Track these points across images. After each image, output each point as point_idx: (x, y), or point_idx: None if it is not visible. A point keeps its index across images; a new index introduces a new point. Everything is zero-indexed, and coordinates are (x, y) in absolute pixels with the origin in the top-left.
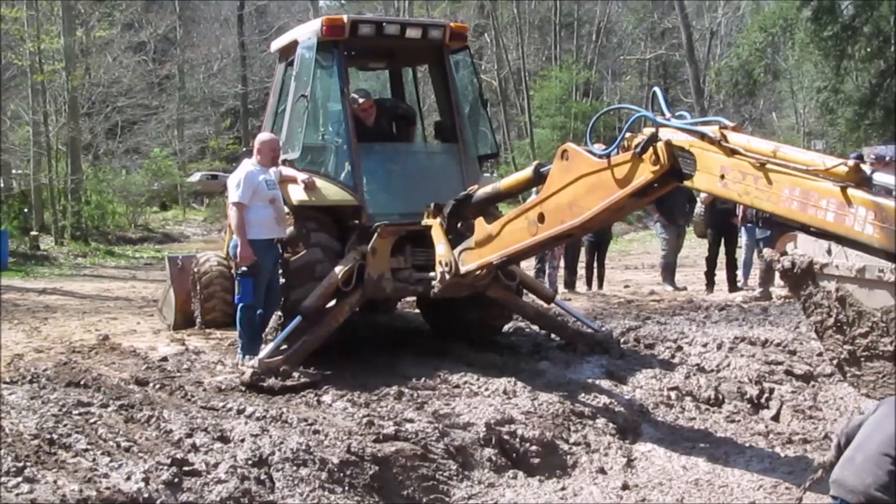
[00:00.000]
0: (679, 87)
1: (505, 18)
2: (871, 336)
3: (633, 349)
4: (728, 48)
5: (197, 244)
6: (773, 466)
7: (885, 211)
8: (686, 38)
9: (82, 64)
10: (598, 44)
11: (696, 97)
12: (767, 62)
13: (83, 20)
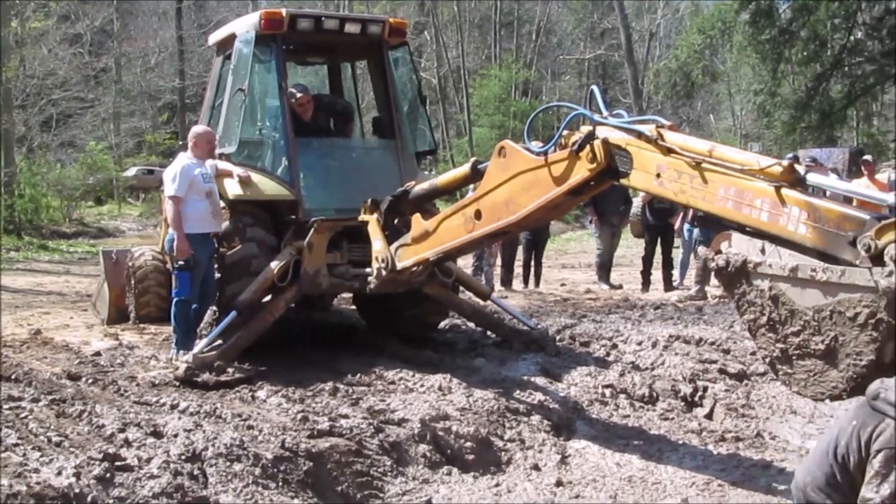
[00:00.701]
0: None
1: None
2: (803, 335)
3: (568, 347)
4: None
5: (132, 239)
6: (705, 464)
7: (818, 211)
8: (625, 38)
9: (17, 55)
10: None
11: (635, 98)
12: (705, 64)
13: (18, 11)
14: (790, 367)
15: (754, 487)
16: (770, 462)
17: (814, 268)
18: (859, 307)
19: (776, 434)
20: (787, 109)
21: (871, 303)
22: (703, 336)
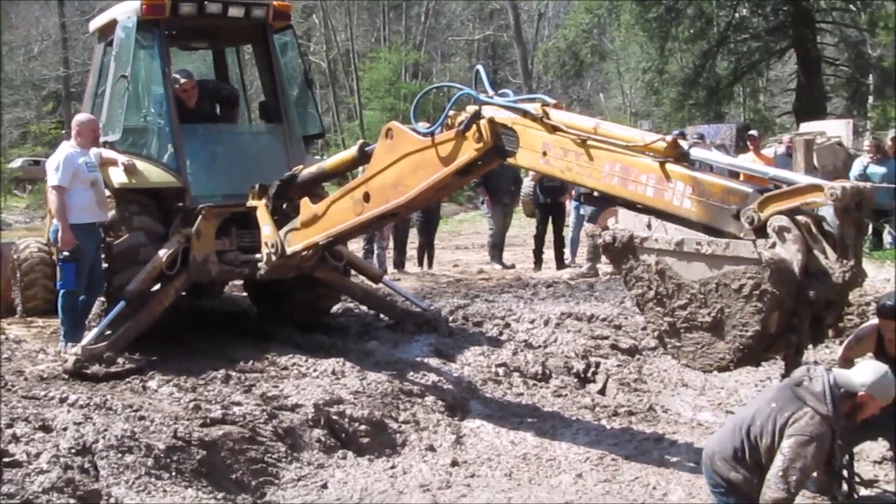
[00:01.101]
0: (508, 69)
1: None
2: (690, 308)
3: (461, 327)
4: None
5: (20, 232)
6: (599, 439)
7: (702, 185)
8: (514, 19)
9: None
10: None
11: (525, 78)
12: (594, 43)
13: None
14: (678, 340)
15: (647, 460)
16: (662, 435)
17: (699, 241)
18: (744, 279)
19: (668, 407)
20: (675, 87)
21: (756, 274)
22: (594, 312)
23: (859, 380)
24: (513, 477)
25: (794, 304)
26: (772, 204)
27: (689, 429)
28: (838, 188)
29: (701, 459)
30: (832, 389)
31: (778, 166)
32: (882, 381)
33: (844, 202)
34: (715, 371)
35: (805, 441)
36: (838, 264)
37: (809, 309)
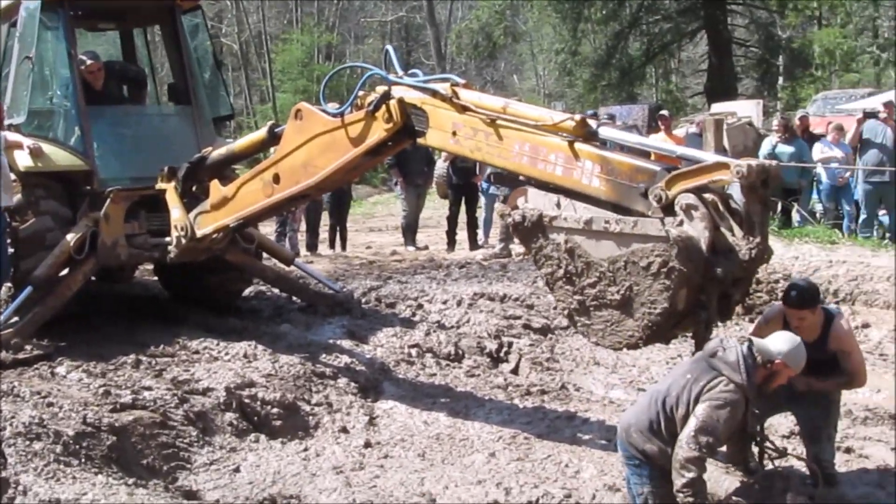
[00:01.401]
0: (421, 50)
1: None
2: (599, 286)
3: (374, 309)
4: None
5: None
6: (511, 418)
7: (610, 164)
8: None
9: None
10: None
11: (438, 60)
12: (507, 25)
13: None
14: (588, 318)
15: (560, 438)
16: (574, 413)
17: (608, 220)
18: (652, 257)
19: (580, 385)
20: (587, 68)
21: (664, 252)
22: (507, 293)
23: (775, 348)
24: (426, 457)
25: (701, 280)
26: (679, 182)
27: (601, 406)
28: (744, 166)
29: (613, 436)
30: (746, 359)
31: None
32: (796, 350)
33: (750, 180)
34: (625, 348)
35: (718, 405)
36: (745, 241)
37: (717, 286)
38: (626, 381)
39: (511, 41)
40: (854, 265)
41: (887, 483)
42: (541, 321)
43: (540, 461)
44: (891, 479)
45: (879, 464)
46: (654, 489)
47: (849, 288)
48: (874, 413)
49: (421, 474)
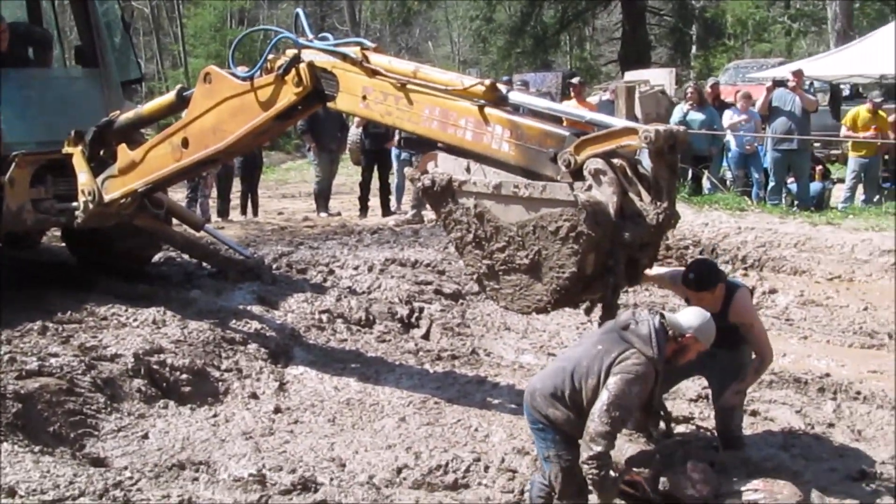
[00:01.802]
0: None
1: None
2: (508, 250)
3: (285, 274)
4: None
5: None
6: (422, 383)
7: (520, 129)
8: None
9: None
10: None
11: (352, 25)
12: None
13: None
14: (497, 282)
15: (470, 403)
16: (485, 378)
17: (517, 184)
18: (560, 221)
19: (491, 350)
20: (502, 35)
21: (572, 216)
22: (418, 258)
23: (686, 322)
24: (336, 422)
25: (609, 245)
26: (588, 147)
27: (511, 371)
28: (652, 131)
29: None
30: (657, 332)
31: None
32: (706, 325)
33: (658, 145)
34: (533, 312)
35: (630, 379)
36: (652, 206)
37: (625, 250)
38: (537, 347)
39: (426, 7)
40: (762, 232)
41: (792, 445)
42: (452, 287)
43: (450, 425)
44: (795, 442)
45: (784, 426)
46: (559, 453)
47: (757, 254)
48: (779, 377)
49: (331, 439)
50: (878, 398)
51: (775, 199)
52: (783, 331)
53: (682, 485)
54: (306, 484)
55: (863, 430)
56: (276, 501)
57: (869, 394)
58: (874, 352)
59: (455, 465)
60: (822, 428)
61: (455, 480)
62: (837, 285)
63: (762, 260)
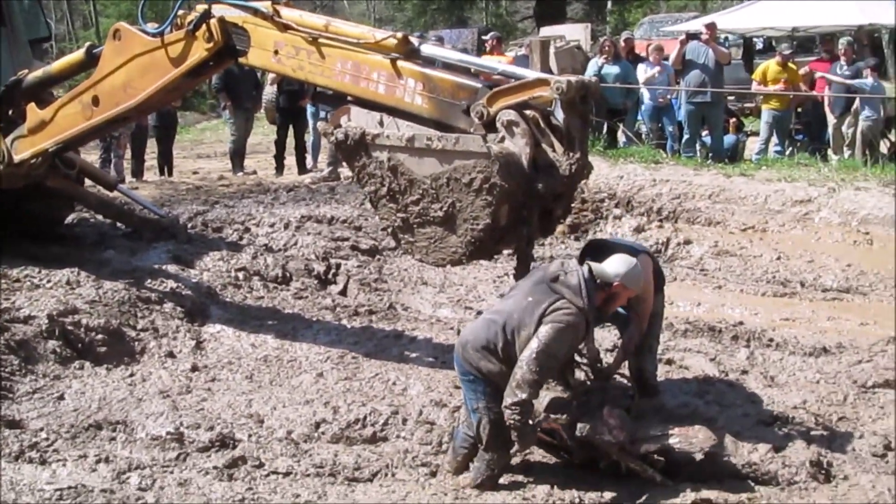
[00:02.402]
0: None
1: None
2: (423, 203)
3: (200, 233)
4: None
5: None
6: (340, 338)
7: (432, 81)
8: None
9: None
10: None
11: None
12: None
13: None
14: (412, 235)
15: (387, 357)
16: (402, 332)
17: (430, 137)
18: (474, 173)
19: (408, 305)
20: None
21: (485, 168)
22: (335, 215)
23: (613, 270)
24: (254, 379)
25: (523, 196)
26: (500, 99)
27: (428, 325)
28: (564, 82)
29: (440, 354)
30: (586, 282)
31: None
32: (633, 272)
33: (570, 95)
34: (448, 265)
35: (561, 328)
36: (565, 157)
37: (538, 201)
38: (454, 301)
39: None
40: (677, 184)
41: (706, 392)
42: (369, 242)
43: (367, 380)
44: (709, 389)
45: (698, 374)
46: (488, 405)
47: (672, 206)
48: (694, 325)
49: (249, 396)
50: (791, 345)
51: (689, 152)
52: (698, 281)
53: (599, 430)
54: (224, 441)
55: (775, 376)
56: (195, 459)
57: (781, 341)
58: (787, 300)
59: (373, 419)
60: (736, 375)
61: (373, 434)
62: (751, 235)
63: (677, 212)
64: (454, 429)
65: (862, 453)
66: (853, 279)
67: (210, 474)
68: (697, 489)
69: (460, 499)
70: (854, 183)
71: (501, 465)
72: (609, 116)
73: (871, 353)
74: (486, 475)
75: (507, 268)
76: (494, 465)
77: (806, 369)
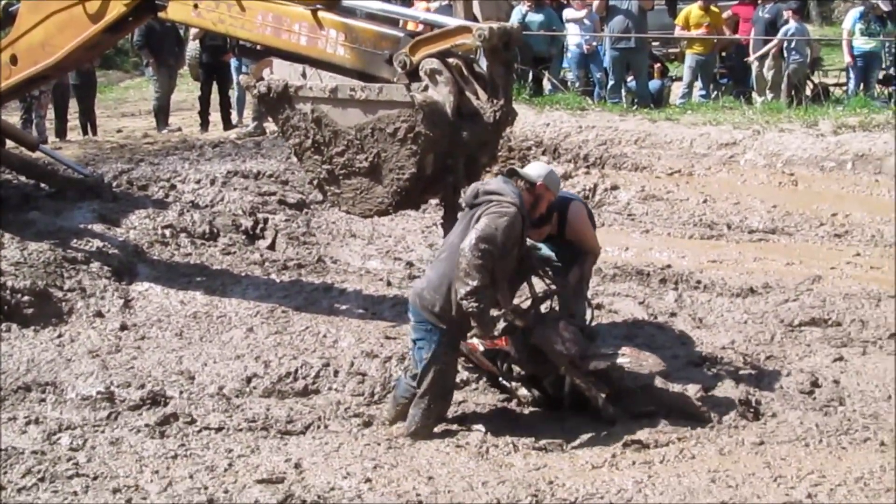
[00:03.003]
0: None
1: None
2: (347, 154)
3: (126, 192)
4: None
5: None
6: (269, 293)
7: (354, 31)
8: None
9: None
10: None
11: None
12: None
13: None
14: (338, 187)
15: (317, 310)
16: (331, 285)
17: (353, 87)
18: (398, 123)
19: (337, 258)
20: None
21: (409, 117)
22: (261, 169)
23: (535, 172)
24: (183, 336)
25: (448, 145)
26: (423, 47)
27: (357, 277)
28: (486, 29)
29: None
30: (508, 183)
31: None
32: (553, 175)
33: (492, 43)
34: (375, 216)
35: (496, 215)
36: (489, 104)
37: (463, 149)
38: (383, 252)
39: None
40: (603, 130)
41: (635, 335)
42: (296, 196)
43: (298, 333)
44: (639, 332)
45: (628, 317)
46: (438, 354)
47: (598, 152)
48: (622, 270)
49: (179, 353)
50: (718, 286)
51: (615, 98)
52: (625, 226)
53: (553, 339)
54: (155, 398)
55: (703, 317)
56: (126, 417)
57: (709, 282)
58: (713, 242)
59: (305, 372)
60: (665, 317)
61: (305, 387)
62: (677, 179)
63: (603, 157)
64: (398, 379)
65: (789, 391)
66: (779, 220)
67: (142, 432)
68: (630, 431)
69: (394, 448)
70: (778, 125)
71: (438, 414)
72: (534, 64)
73: (796, 293)
74: (422, 424)
75: (435, 217)
76: (431, 415)
77: (733, 310)
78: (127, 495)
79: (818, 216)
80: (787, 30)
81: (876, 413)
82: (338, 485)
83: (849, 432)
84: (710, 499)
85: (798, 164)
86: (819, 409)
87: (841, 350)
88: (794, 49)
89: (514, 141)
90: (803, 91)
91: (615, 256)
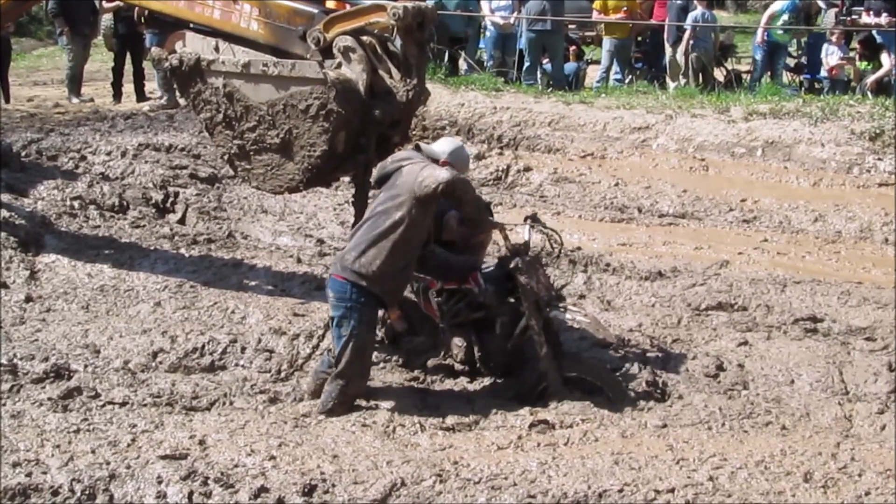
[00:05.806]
0: None
1: None
2: (259, 130)
3: (35, 162)
4: None
5: None
6: (178, 267)
7: (268, 7)
8: None
9: None
10: None
11: None
12: None
13: None
14: (249, 162)
15: (226, 286)
16: (241, 260)
17: (266, 63)
18: (311, 99)
19: (248, 233)
20: None
21: (322, 94)
22: (173, 143)
23: (440, 149)
24: (90, 309)
25: (360, 123)
26: (337, 25)
27: (267, 253)
28: (400, 7)
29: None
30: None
31: None
32: (460, 151)
33: (406, 22)
34: (286, 192)
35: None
36: (402, 83)
37: (375, 128)
38: (294, 229)
39: None
40: (517, 111)
41: None
42: (208, 170)
43: (206, 308)
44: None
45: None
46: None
47: (512, 133)
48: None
49: (85, 326)
50: (627, 269)
51: (530, 80)
52: (537, 207)
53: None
54: (59, 371)
55: (612, 300)
56: (29, 390)
57: (618, 265)
58: (623, 225)
59: (212, 348)
60: (574, 299)
61: (212, 362)
62: (590, 162)
63: (517, 139)
64: (323, 355)
65: (695, 374)
66: (689, 204)
67: (44, 406)
68: (535, 412)
69: (300, 426)
70: (690, 110)
71: (354, 393)
72: (450, 44)
73: (704, 277)
74: (337, 401)
75: (346, 195)
76: (347, 393)
77: (642, 293)
78: (27, 469)
79: (727, 202)
80: (694, 16)
81: (778, 397)
82: (242, 462)
83: (751, 416)
84: (613, 480)
85: (709, 149)
86: (723, 393)
87: (746, 335)
88: (699, 36)
89: (428, 120)
90: (711, 77)
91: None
